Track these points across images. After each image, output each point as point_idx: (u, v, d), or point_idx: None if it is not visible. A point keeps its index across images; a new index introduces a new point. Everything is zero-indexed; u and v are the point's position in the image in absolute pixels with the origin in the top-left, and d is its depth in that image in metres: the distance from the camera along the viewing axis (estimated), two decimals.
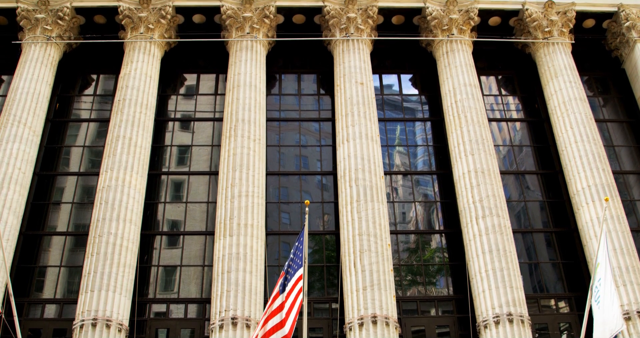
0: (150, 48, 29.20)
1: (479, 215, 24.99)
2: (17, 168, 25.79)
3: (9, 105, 27.31)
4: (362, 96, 27.83)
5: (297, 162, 28.74)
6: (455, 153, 26.97)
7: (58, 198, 27.73)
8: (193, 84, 31.12)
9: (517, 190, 28.51)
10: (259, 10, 29.90)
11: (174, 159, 28.86)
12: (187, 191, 27.80)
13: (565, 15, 30.69)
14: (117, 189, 25.06)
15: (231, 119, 27.05)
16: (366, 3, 30.19)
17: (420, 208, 28.10)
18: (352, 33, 29.75)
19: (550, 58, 29.91)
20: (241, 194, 24.99)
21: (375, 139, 26.85)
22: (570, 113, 28.18)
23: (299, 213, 27.19)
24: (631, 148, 30.05)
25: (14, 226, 24.88)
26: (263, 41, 29.78)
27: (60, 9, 29.68)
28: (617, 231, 24.98)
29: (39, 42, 29.14)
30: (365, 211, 24.72)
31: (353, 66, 28.80)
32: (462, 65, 29.07)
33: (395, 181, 28.68)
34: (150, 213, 26.90)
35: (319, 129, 29.68)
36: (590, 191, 26.05)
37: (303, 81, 31.33)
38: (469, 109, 27.65)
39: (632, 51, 30.58)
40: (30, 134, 26.86)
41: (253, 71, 28.51)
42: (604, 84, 32.23)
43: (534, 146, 29.75)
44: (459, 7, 30.32)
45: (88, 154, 28.86)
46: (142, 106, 27.41)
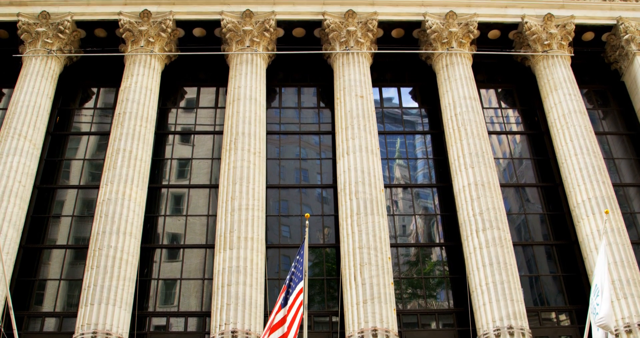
0: (151, 61, 29.26)
1: (479, 228, 24.96)
2: (18, 181, 25.79)
3: (10, 118, 27.33)
4: (362, 109, 27.87)
5: (297, 175, 28.74)
6: (455, 165, 26.97)
7: (58, 211, 27.71)
8: (193, 97, 31.16)
9: (517, 203, 28.51)
10: (259, 24, 29.99)
11: (174, 173, 28.86)
12: (187, 204, 27.78)
13: (564, 28, 30.78)
14: (117, 203, 25.05)
15: (231, 132, 27.07)
16: (366, 16, 30.28)
17: (420, 220, 28.09)
18: (352, 46, 29.81)
19: (550, 71, 29.96)
20: (241, 208, 24.98)
21: (375, 152, 26.86)
22: (570, 126, 28.20)
23: (299, 226, 27.18)
24: (631, 161, 30.08)
25: (14, 240, 24.85)
26: (263, 54, 29.85)
27: (61, 22, 29.76)
28: (617, 243, 24.95)
29: (40, 56, 29.20)
30: (365, 224, 24.71)
31: (353, 79, 28.85)
32: (461, 78, 29.12)
33: (396, 194, 28.68)
34: (150, 226, 26.88)
35: (319, 142, 29.70)
36: (590, 204, 26.03)
37: (303, 94, 31.38)
38: (468, 122, 27.68)
39: (631, 63, 30.64)
40: (30, 147, 26.87)
41: (253, 84, 28.56)
42: (604, 96, 32.27)
43: (534, 159, 29.76)
44: (459, 20, 30.41)
45: (88, 167, 28.86)
46: (143, 119, 27.44)
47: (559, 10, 31.22)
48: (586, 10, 31.59)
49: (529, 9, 31.14)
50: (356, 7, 30.45)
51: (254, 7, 30.35)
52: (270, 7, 30.44)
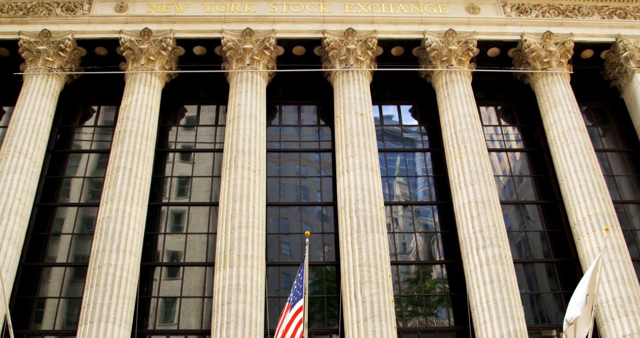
0: (151, 79, 29.34)
1: (480, 246, 24.93)
2: (18, 199, 25.78)
3: (10, 136, 27.37)
4: (362, 126, 27.91)
5: (297, 193, 28.73)
6: (455, 183, 26.98)
7: (58, 229, 27.68)
8: (193, 115, 31.21)
9: (518, 220, 28.48)
10: (259, 42, 30.11)
11: (174, 190, 28.86)
12: (187, 222, 27.75)
13: (563, 46, 30.89)
14: (117, 220, 25.04)
15: (231, 150, 27.10)
16: (366, 35, 30.40)
17: (420, 238, 28.06)
18: (352, 64, 29.91)
19: (549, 88, 30.03)
20: (241, 226, 24.96)
21: (375, 170, 26.87)
22: (569, 143, 28.22)
23: (299, 243, 27.14)
24: (631, 178, 30.06)
25: (14, 257, 24.81)
26: (263, 72, 29.94)
27: (62, 40, 29.89)
28: (617, 261, 24.90)
29: (41, 74, 29.29)
30: (365, 242, 24.68)
31: (353, 97, 28.92)
32: (461, 96, 29.19)
33: (396, 211, 28.66)
34: (150, 244, 26.84)
35: (319, 160, 29.72)
36: (590, 221, 26.00)
37: (303, 112, 31.44)
38: (468, 140, 27.72)
39: (630, 80, 30.70)
40: (30, 165, 26.89)
41: (253, 102, 28.62)
42: (603, 114, 32.32)
43: (534, 176, 29.76)
44: (458, 38, 30.53)
45: (88, 185, 28.86)
46: (143, 137, 27.48)
47: (558, 28, 31.36)
48: (585, 28, 31.71)
49: (528, 27, 31.28)
50: (356, 26, 30.61)
51: (254, 25, 30.51)
52: (270, 26, 30.61)
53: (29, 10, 30.93)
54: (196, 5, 31.29)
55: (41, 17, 30.71)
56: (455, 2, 31.98)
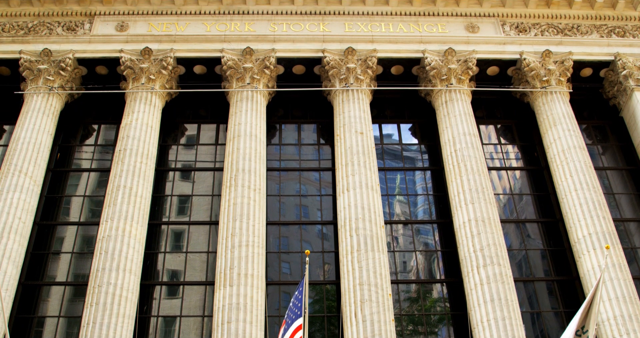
0: (152, 98, 29.42)
1: (480, 264, 24.89)
2: (18, 218, 25.77)
3: (10, 155, 27.40)
4: (362, 145, 27.96)
5: (297, 211, 28.72)
6: (455, 201, 26.98)
7: (58, 248, 27.63)
8: (194, 134, 31.26)
9: (518, 239, 28.45)
10: (259, 61, 30.22)
11: (174, 209, 28.85)
12: (187, 240, 27.72)
13: (562, 64, 30.97)
14: (117, 239, 25.02)
15: (231, 169, 27.13)
16: (365, 54, 30.52)
17: (421, 257, 28.02)
18: (352, 83, 29.99)
19: (549, 107, 30.08)
20: (241, 244, 24.95)
21: (375, 189, 26.89)
22: (569, 161, 28.24)
23: (299, 262, 27.10)
24: (631, 196, 30.05)
25: (13, 276, 24.77)
26: (263, 91, 30.02)
27: (63, 59, 29.99)
28: (618, 279, 24.83)
29: (41, 93, 29.37)
30: (365, 260, 24.65)
31: (353, 115, 28.98)
32: (461, 114, 29.25)
33: (396, 230, 28.64)
34: (150, 263, 26.80)
35: (319, 178, 29.73)
36: (591, 239, 25.97)
37: (303, 130, 31.48)
38: (468, 158, 27.74)
39: (629, 99, 30.76)
40: (31, 184, 26.90)
41: (253, 121, 28.69)
42: (603, 132, 32.35)
43: (534, 195, 29.75)
44: (457, 57, 30.64)
45: (88, 204, 28.87)
46: (143, 156, 27.52)
47: (557, 46, 31.47)
48: (584, 47, 31.83)
49: (527, 46, 31.40)
50: (356, 45, 30.74)
51: (254, 44, 30.65)
52: (270, 45, 30.75)
53: (30, 30, 31.07)
54: (196, 24, 31.46)
55: (42, 37, 30.85)
56: (454, 21, 32.15)
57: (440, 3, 32.19)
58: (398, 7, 32.18)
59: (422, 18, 32.12)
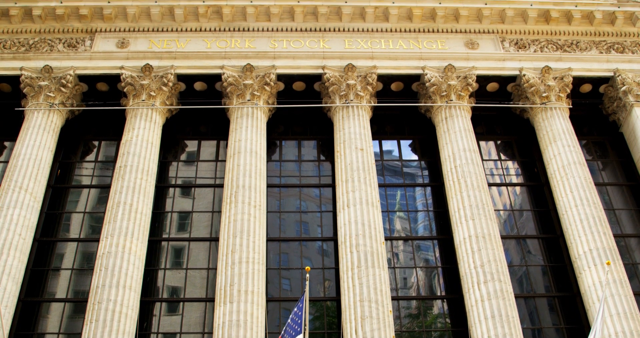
0: (152, 115, 29.46)
1: (481, 280, 24.84)
2: (18, 234, 25.76)
3: (11, 171, 27.42)
4: (362, 162, 27.97)
5: (297, 228, 28.70)
6: (455, 218, 26.96)
7: (58, 264, 27.60)
8: (194, 151, 31.29)
9: (519, 255, 28.41)
10: (260, 78, 30.29)
11: (175, 226, 28.84)
12: (188, 257, 27.69)
13: (562, 80, 31.03)
14: (117, 256, 24.99)
15: (232, 186, 27.14)
16: (365, 70, 30.60)
17: (421, 273, 27.98)
18: (352, 100, 30.04)
19: (549, 123, 30.11)
20: (241, 261, 24.91)
21: (375, 205, 26.88)
22: (569, 177, 28.24)
23: (299, 279, 27.02)
24: (631, 211, 30.02)
25: (13, 293, 24.73)
26: (264, 108, 30.07)
27: (64, 76, 30.06)
28: (619, 295, 24.78)
29: (42, 109, 29.41)
30: (366, 277, 24.60)
31: (353, 132, 29.02)
32: (461, 130, 29.28)
33: (396, 246, 28.61)
34: (150, 280, 26.75)
35: (319, 195, 29.72)
36: (591, 255, 25.93)
37: (303, 147, 31.50)
38: (468, 174, 27.75)
39: (629, 114, 30.79)
40: (31, 201, 26.90)
41: (254, 137, 28.72)
42: (603, 147, 32.36)
43: (534, 210, 29.73)
44: (457, 73, 30.71)
45: (88, 221, 28.85)
46: (143, 173, 27.53)
47: (556, 62, 31.55)
48: (583, 63, 31.90)
49: (526, 62, 31.48)
50: (356, 61, 30.82)
51: (254, 61, 30.74)
52: (270, 62, 30.83)
53: (31, 46, 31.18)
54: (197, 41, 31.58)
55: (43, 53, 30.95)
56: (454, 37, 32.26)
57: (440, 20, 32.31)
58: (398, 24, 32.30)
59: (422, 34, 32.24)
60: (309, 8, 31.99)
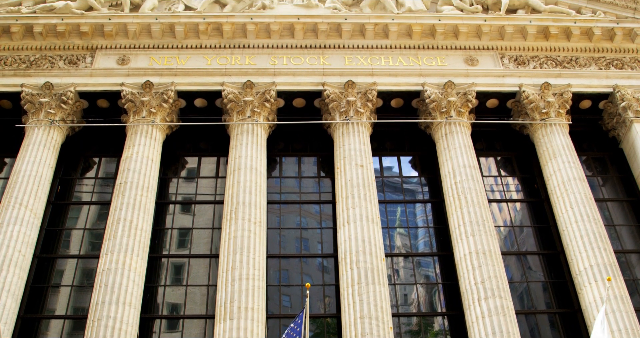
0: (152, 131, 29.50)
1: (481, 297, 24.79)
2: (17, 251, 25.73)
3: (11, 187, 27.42)
4: (362, 178, 27.98)
5: (297, 244, 28.67)
6: (456, 234, 26.94)
7: (57, 281, 27.54)
8: (194, 167, 31.31)
9: (519, 271, 28.37)
10: (260, 94, 30.36)
11: (175, 242, 28.81)
12: (188, 274, 27.63)
13: (561, 96, 31.08)
14: (117, 272, 24.95)
15: (232, 202, 27.14)
16: (365, 87, 30.67)
17: (422, 289, 27.93)
18: (352, 116, 30.08)
19: (549, 139, 30.13)
20: (242, 277, 24.86)
21: (375, 221, 26.87)
22: (569, 193, 28.23)
23: (299, 295, 26.96)
24: (632, 227, 29.97)
25: (12, 310, 24.65)
26: (264, 124, 30.12)
27: (64, 93, 30.12)
28: (620, 311, 24.70)
29: (42, 126, 29.45)
30: (366, 293, 24.56)
31: (353, 148, 29.04)
32: (461, 147, 29.30)
33: (397, 262, 28.58)
34: (150, 296, 26.68)
35: (319, 211, 29.72)
36: (592, 271, 25.88)
37: (303, 163, 31.52)
38: (468, 191, 27.75)
39: (629, 130, 30.82)
40: (31, 217, 26.88)
41: (254, 154, 28.75)
42: (603, 163, 32.36)
43: (534, 227, 29.69)
44: (457, 89, 30.77)
45: (88, 237, 28.82)
46: (144, 189, 27.54)
47: (556, 79, 31.60)
48: (583, 79, 31.94)
49: (526, 78, 31.54)
50: (355, 78, 30.89)
51: (254, 78, 30.81)
52: (270, 78, 30.90)
53: (32, 63, 31.26)
54: (197, 58, 31.67)
55: (44, 70, 31.02)
56: (453, 54, 32.35)
57: (440, 36, 32.42)
58: (397, 41, 32.41)
59: (422, 51, 32.34)
60: (308, 25, 32.13)
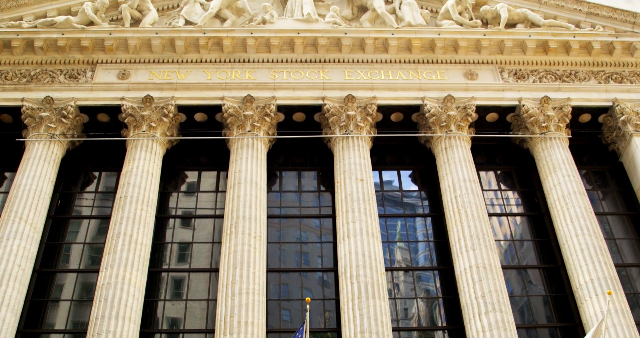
0: (152, 146, 29.53)
1: (482, 311, 24.74)
2: (17, 265, 25.69)
3: (11, 202, 27.40)
4: (362, 192, 27.98)
5: (297, 258, 28.63)
6: (456, 248, 26.91)
7: (57, 295, 27.48)
8: (194, 181, 31.31)
9: (520, 285, 28.31)
10: (260, 109, 30.40)
11: (175, 256, 28.77)
12: (187, 288, 27.58)
13: (561, 110, 31.11)
14: (116, 287, 24.91)
15: (232, 216, 27.12)
16: (365, 101, 30.71)
17: (422, 304, 27.87)
18: (352, 130, 30.11)
19: (548, 153, 30.14)
20: (242, 292, 24.82)
21: (376, 236, 26.85)
22: (570, 207, 28.21)
23: (300, 310, 26.90)
24: (632, 241, 29.92)
25: (12, 324, 24.58)
26: (264, 139, 30.14)
27: (64, 107, 30.16)
28: (622, 325, 24.63)
29: (43, 140, 29.47)
30: (366, 308, 24.51)
31: (353, 162, 29.06)
32: (461, 161, 29.31)
33: (397, 277, 28.53)
34: (149, 311, 26.62)
35: (319, 225, 29.70)
36: (593, 285, 25.83)
37: (303, 177, 31.52)
38: (468, 205, 27.74)
39: (628, 144, 30.83)
40: (31, 231, 26.86)
41: (254, 168, 28.76)
42: (603, 177, 32.36)
43: (534, 240, 29.65)
44: (457, 104, 30.81)
45: (88, 251, 28.79)
46: (144, 203, 27.53)
47: (555, 93, 31.65)
48: (582, 93, 31.97)
49: (525, 92, 31.57)
50: (355, 92, 30.93)
51: (254, 92, 30.86)
52: (270, 93, 30.95)
53: (32, 78, 31.32)
54: (197, 72, 31.74)
55: (44, 84, 31.08)
56: (453, 68, 32.42)
57: (439, 51, 32.50)
58: (397, 55, 32.48)
59: (421, 65, 32.40)
60: (308, 39, 32.22)
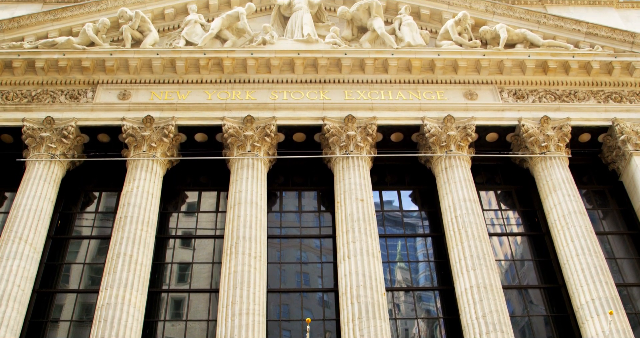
0: (153, 166, 29.57)
1: (483, 331, 24.66)
2: (17, 285, 25.63)
3: (11, 222, 27.39)
4: (362, 212, 27.97)
5: (298, 279, 28.59)
6: (456, 268, 26.87)
7: (57, 316, 27.39)
8: (194, 201, 31.31)
9: (521, 305, 28.24)
10: (260, 129, 30.46)
11: (175, 277, 28.72)
12: (187, 308, 27.51)
13: (561, 130, 31.17)
14: (116, 307, 24.83)
15: (232, 237, 27.10)
16: (365, 121, 30.78)
17: (422, 324, 27.77)
18: (352, 150, 30.16)
19: (548, 172, 30.17)
20: (242, 312, 24.74)
21: (376, 256, 26.81)
22: (570, 226, 28.19)
23: (300, 330, 26.81)
24: (633, 260, 29.87)
25: None
26: (264, 159, 30.17)
27: (65, 127, 30.23)
28: None
29: (43, 160, 29.51)
30: (367, 328, 24.42)
31: (353, 182, 29.07)
32: (461, 180, 29.32)
33: (397, 297, 28.46)
34: (149, 331, 26.52)
35: (319, 245, 29.67)
36: (594, 305, 25.76)
37: (304, 197, 31.53)
38: (469, 225, 27.72)
39: (628, 163, 30.87)
40: (31, 251, 26.83)
41: (254, 188, 28.77)
42: (603, 196, 32.36)
43: (535, 260, 29.60)
44: (456, 124, 30.88)
45: (88, 272, 28.74)
46: (144, 224, 27.52)
47: (555, 112, 31.73)
48: (582, 112, 32.05)
49: (525, 112, 31.66)
50: (355, 112, 31.01)
51: (254, 112, 30.92)
52: (270, 113, 31.03)
53: (33, 98, 31.41)
54: (198, 93, 31.83)
55: (45, 105, 31.17)
56: (453, 88, 32.52)
57: (439, 71, 32.62)
58: (397, 75, 32.60)
59: (421, 86, 32.52)
60: (309, 60, 32.36)
